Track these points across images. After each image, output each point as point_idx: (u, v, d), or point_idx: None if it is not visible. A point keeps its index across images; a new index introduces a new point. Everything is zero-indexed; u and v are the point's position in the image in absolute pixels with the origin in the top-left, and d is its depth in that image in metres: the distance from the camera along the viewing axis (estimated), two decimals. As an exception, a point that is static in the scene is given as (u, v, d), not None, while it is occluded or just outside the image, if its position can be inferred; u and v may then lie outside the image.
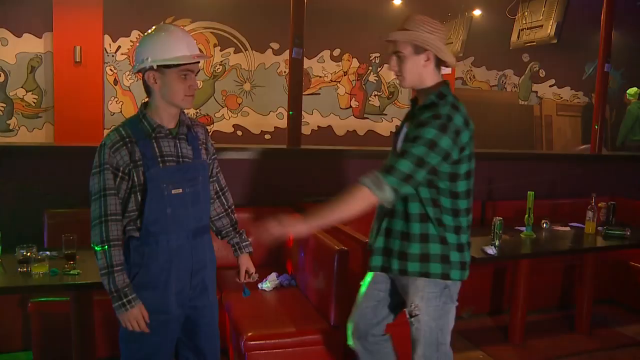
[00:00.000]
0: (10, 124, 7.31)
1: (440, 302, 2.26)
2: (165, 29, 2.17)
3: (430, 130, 2.07)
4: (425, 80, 2.22)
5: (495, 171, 5.05)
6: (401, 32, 2.16)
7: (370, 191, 2.07)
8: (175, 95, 2.13)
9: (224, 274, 3.57)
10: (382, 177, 2.07)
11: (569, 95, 10.90)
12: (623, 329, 4.33)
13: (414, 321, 2.29)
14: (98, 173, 2.09)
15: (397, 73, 2.22)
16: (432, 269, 2.21)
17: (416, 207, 2.20)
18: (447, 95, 2.20)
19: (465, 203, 2.24)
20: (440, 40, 2.18)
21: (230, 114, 8.46)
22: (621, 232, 3.96)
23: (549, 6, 6.01)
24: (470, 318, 4.34)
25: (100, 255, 2.08)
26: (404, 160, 2.08)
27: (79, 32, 7.02)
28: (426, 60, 2.17)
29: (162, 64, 2.08)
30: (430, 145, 2.07)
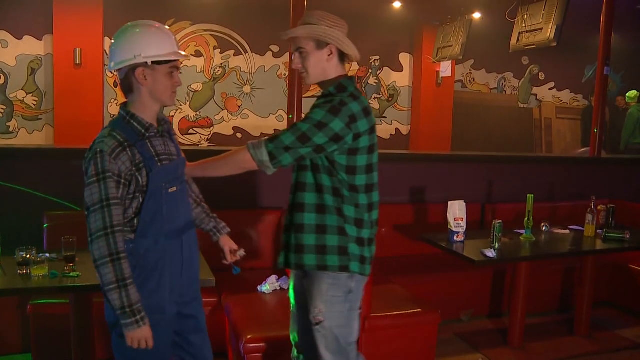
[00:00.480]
0: (10, 126, 7.32)
1: (345, 308, 2.19)
2: (152, 24, 2.13)
3: (319, 112, 2.09)
4: (329, 74, 2.20)
5: (495, 174, 5.05)
6: (302, 27, 2.14)
7: (248, 152, 2.12)
8: (164, 92, 2.10)
9: (223, 275, 3.58)
10: (263, 141, 2.12)
11: (569, 98, 10.92)
12: (622, 331, 4.33)
13: (319, 328, 2.21)
14: (97, 182, 1.97)
15: (301, 70, 2.20)
16: (329, 261, 2.14)
17: (313, 198, 2.16)
18: (348, 87, 2.17)
19: (365, 198, 2.18)
20: (342, 33, 2.16)
21: (230, 117, 8.48)
22: (620, 235, 3.96)
23: (548, 9, 6.02)
24: (469, 321, 4.34)
25: (108, 269, 1.96)
26: (288, 132, 2.11)
27: (79, 35, 7.04)
28: (329, 54, 2.15)
29: (157, 60, 2.04)
30: (317, 125, 2.07)
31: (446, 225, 3.78)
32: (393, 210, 4.53)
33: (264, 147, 2.09)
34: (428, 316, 3.35)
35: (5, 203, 3.65)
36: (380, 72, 9.32)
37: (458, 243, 3.69)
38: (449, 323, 4.16)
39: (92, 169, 1.98)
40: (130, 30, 2.11)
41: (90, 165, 1.99)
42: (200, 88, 8.29)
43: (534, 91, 10.67)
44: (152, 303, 2.14)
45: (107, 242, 1.97)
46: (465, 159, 5.40)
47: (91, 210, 1.98)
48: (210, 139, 8.41)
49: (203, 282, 2.73)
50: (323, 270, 2.16)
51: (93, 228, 1.98)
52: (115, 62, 2.07)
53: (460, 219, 3.72)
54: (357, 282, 2.23)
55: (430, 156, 5.48)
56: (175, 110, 8.18)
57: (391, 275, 3.93)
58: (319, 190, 2.15)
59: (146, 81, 2.06)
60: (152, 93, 2.09)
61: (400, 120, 9.59)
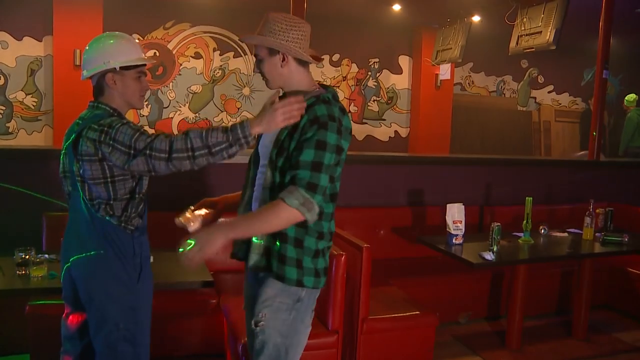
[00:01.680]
0: (10, 127, 7.32)
1: (290, 316, 2.09)
2: (120, 35, 2.31)
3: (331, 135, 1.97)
4: (289, 79, 2.11)
5: (494, 177, 5.06)
6: (253, 37, 2.09)
7: (299, 212, 1.93)
8: (133, 95, 2.28)
9: (222, 277, 3.58)
10: (311, 197, 1.93)
11: (568, 101, 10.93)
12: (620, 334, 4.34)
13: (258, 332, 2.11)
14: (141, 134, 2.07)
15: (262, 75, 2.15)
16: (287, 274, 2.04)
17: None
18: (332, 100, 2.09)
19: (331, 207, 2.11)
20: (297, 37, 2.06)
21: (229, 119, 8.47)
22: (619, 238, 3.97)
23: (547, 13, 6.03)
24: (467, 323, 4.34)
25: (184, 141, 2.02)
26: (323, 174, 1.96)
27: (79, 36, 7.03)
28: (282, 60, 2.07)
29: (124, 65, 2.21)
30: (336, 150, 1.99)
31: (445, 227, 3.78)
32: (392, 213, 4.54)
33: (316, 205, 1.94)
34: (426, 318, 3.36)
35: (4, 204, 3.65)
36: (380, 74, 9.32)
37: (456, 245, 3.70)
38: (447, 325, 4.16)
39: (129, 131, 2.07)
40: (100, 40, 2.31)
41: (126, 132, 2.06)
42: (199, 90, 8.29)
43: (533, 94, 10.68)
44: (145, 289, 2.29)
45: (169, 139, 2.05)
46: (464, 161, 5.41)
47: (136, 138, 2.05)
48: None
49: (202, 284, 2.75)
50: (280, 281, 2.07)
51: (139, 144, 2.03)
52: (87, 69, 2.27)
53: (459, 221, 3.73)
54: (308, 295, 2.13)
55: (429, 159, 5.48)
56: (174, 112, 8.18)
57: (389, 278, 3.94)
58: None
59: (116, 85, 2.24)
60: (123, 96, 2.26)
61: (399, 122, 9.60)
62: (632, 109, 8.57)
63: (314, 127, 1.96)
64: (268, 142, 2.11)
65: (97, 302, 2.19)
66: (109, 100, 2.26)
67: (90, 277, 2.20)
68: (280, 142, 2.03)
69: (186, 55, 8.13)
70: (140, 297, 2.25)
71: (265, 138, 2.14)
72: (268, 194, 2.05)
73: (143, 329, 2.30)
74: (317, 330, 3.03)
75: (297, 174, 1.94)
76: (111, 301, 2.19)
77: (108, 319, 2.19)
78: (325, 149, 1.95)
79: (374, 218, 4.47)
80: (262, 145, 2.16)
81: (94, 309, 2.21)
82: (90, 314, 2.22)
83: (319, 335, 2.99)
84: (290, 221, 1.96)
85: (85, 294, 2.21)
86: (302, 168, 1.94)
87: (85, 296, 2.21)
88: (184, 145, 2.01)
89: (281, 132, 2.04)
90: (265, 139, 2.14)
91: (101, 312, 2.20)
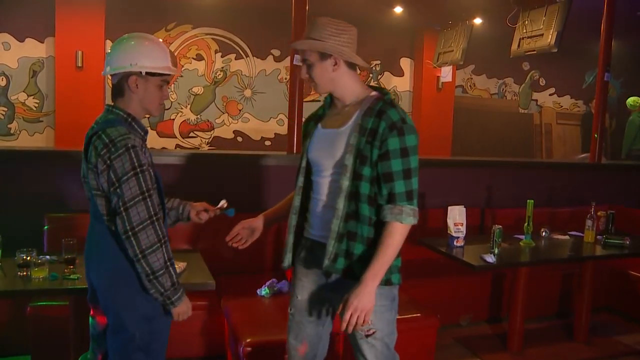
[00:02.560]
0: (12, 128, 7.33)
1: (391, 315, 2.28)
2: (151, 38, 2.23)
3: (411, 138, 2.05)
4: (339, 83, 2.16)
5: (495, 179, 5.06)
6: (304, 42, 2.12)
7: (407, 225, 2.05)
8: (153, 102, 2.20)
9: (222, 279, 3.58)
10: (413, 205, 2.05)
11: (569, 104, 10.93)
12: (621, 337, 4.33)
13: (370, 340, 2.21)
14: (134, 176, 2.01)
15: (309, 80, 2.18)
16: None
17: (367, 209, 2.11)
18: (394, 100, 2.16)
19: None
20: (347, 41, 2.10)
21: (230, 120, 8.48)
22: (620, 241, 3.97)
23: (549, 15, 6.03)
24: (468, 325, 4.34)
25: (159, 254, 2.04)
26: (414, 177, 2.05)
27: (81, 37, 7.05)
28: (334, 64, 2.11)
29: (151, 70, 2.14)
30: (417, 150, 2.08)
31: (446, 230, 3.78)
32: None
33: (413, 213, 2.04)
34: (427, 321, 3.35)
35: (6, 205, 3.65)
36: (381, 76, 9.33)
37: (457, 248, 3.70)
38: (448, 328, 4.16)
39: (127, 164, 2.01)
40: (129, 40, 2.21)
41: (124, 161, 2.01)
42: (201, 91, 8.30)
43: (534, 97, 10.68)
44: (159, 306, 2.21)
45: (154, 229, 2.04)
46: (465, 163, 5.41)
47: (131, 204, 2.01)
48: (211, 143, 8.42)
49: (202, 285, 2.75)
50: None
51: (136, 220, 2.01)
52: (112, 67, 2.16)
53: (460, 223, 3.73)
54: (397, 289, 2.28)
55: (430, 161, 5.48)
56: (176, 113, 8.19)
57: (390, 280, 3.93)
58: (372, 204, 2.09)
59: (137, 89, 2.15)
60: (142, 101, 2.18)
61: (401, 124, 9.59)
62: (633, 113, 8.56)
63: (394, 134, 2.01)
64: (325, 150, 2.15)
65: (113, 311, 2.18)
66: (126, 103, 2.18)
67: (107, 286, 2.18)
68: (359, 150, 2.05)
69: (188, 57, 8.14)
70: (158, 306, 2.19)
71: (317, 145, 2.20)
72: (346, 202, 2.07)
73: (160, 339, 2.27)
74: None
75: (394, 188, 2.02)
76: (128, 310, 2.16)
77: (124, 328, 2.16)
78: (409, 154, 2.03)
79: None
80: (317, 154, 2.19)
81: (111, 317, 2.19)
82: (109, 320, 2.21)
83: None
84: (403, 235, 2.06)
85: (103, 301, 2.21)
86: (396, 180, 2.02)
87: (103, 303, 2.21)
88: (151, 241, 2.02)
89: (355, 139, 2.06)
90: (318, 146, 2.19)
91: (118, 321, 2.18)
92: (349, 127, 2.11)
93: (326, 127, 2.23)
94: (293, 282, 2.37)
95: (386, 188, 2.04)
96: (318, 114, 2.34)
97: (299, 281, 2.33)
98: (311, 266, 2.26)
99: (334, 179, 2.14)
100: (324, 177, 2.18)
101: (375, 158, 2.04)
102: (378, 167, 2.04)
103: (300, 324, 2.34)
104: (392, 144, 2.02)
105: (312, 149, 2.23)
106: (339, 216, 2.09)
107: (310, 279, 2.29)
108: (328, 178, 2.16)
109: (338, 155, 2.11)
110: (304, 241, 2.30)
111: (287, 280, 3.75)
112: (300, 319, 2.33)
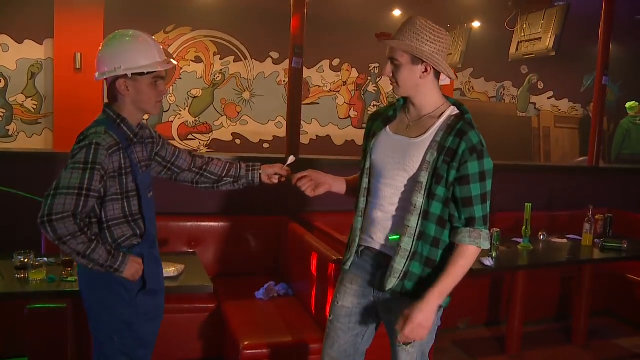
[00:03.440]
0: (10, 130, 7.32)
1: (436, 325, 2.16)
2: (133, 35, 2.13)
3: (488, 162, 2.07)
4: (422, 90, 2.05)
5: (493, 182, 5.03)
6: (399, 42, 2.00)
7: (481, 249, 2.03)
8: (147, 102, 2.12)
9: (220, 282, 3.58)
10: (487, 229, 2.03)
11: (567, 107, 10.95)
12: (619, 341, 4.33)
13: (408, 348, 2.12)
14: (82, 169, 1.96)
15: (392, 80, 2.06)
16: None
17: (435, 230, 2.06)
18: (468, 116, 2.08)
19: None
20: (442, 50, 2.01)
21: (229, 123, 8.48)
22: (618, 244, 3.97)
23: (547, 19, 6.05)
24: (466, 329, 4.33)
25: (81, 239, 1.95)
26: (489, 201, 2.06)
27: (80, 39, 7.03)
28: (424, 71, 2.00)
29: (138, 71, 2.06)
30: (489, 176, 2.08)
31: (444, 233, 3.77)
32: None
33: (488, 238, 2.04)
34: (425, 324, 3.34)
35: (4, 207, 3.65)
36: (380, 79, 9.34)
37: (456, 251, 3.69)
38: (446, 331, 4.15)
39: (82, 155, 1.98)
40: (112, 40, 2.13)
41: (81, 152, 1.98)
42: (199, 94, 8.30)
43: (532, 100, 10.69)
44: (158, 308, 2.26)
45: (76, 222, 1.95)
46: (463, 167, 5.40)
47: (62, 192, 1.94)
48: (209, 145, 8.42)
49: (200, 288, 2.75)
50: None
51: (58, 209, 1.92)
52: (100, 72, 2.12)
53: (458, 227, 3.72)
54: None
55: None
56: (174, 115, 8.19)
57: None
58: (441, 224, 2.05)
59: (128, 92, 2.09)
60: (135, 103, 2.11)
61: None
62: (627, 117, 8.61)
63: (473, 157, 1.99)
64: (395, 158, 2.05)
65: (92, 313, 2.20)
66: (120, 107, 2.12)
67: (87, 288, 2.21)
68: (435, 168, 1.98)
69: (187, 59, 8.14)
70: (140, 313, 2.18)
71: (386, 151, 2.09)
72: (420, 220, 2.00)
73: (146, 345, 2.27)
74: (316, 335, 3.03)
75: (473, 213, 2.01)
76: (106, 313, 2.17)
77: (102, 329, 2.19)
78: (486, 178, 2.04)
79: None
80: (385, 160, 2.09)
81: (91, 318, 2.22)
82: (89, 322, 2.24)
83: (317, 340, 2.98)
84: (474, 257, 2.04)
85: (85, 302, 2.24)
86: (475, 205, 2.01)
87: (85, 304, 2.23)
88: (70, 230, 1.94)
89: (432, 156, 1.98)
90: (386, 152, 2.09)
91: (96, 322, 2.21)
92: (424, 141, 2.03)
93: (398, 133, 2.11)
94: (337, 288, 2.26)
95: (465, 212, 2.01)
96: (388, 114, 2.19)
97: (343, 287, 2.22)
98: (361, 274, 2.17)
99: (404, 193, 2.05)
100: (388, 186, 2.08)
101: (451, 179, 1.99)
102: (455, 189, 2.00)
103: (338, 331, 2.23)
104: (472, 167, 1.99)
105: (378, 152, 2.12)
106: (411, 235, 2.01)
107: (356, 286, 2.19)
108: (395, 188, 2.07)
109: (411, 169, 2.02)
110: (356, 244, 2.18)
111: (285, 283, 3.74)
112: (340, 326, 2.22)
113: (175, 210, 3.76)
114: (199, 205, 3.91)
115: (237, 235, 3.93)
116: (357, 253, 2.18)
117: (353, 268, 2.19)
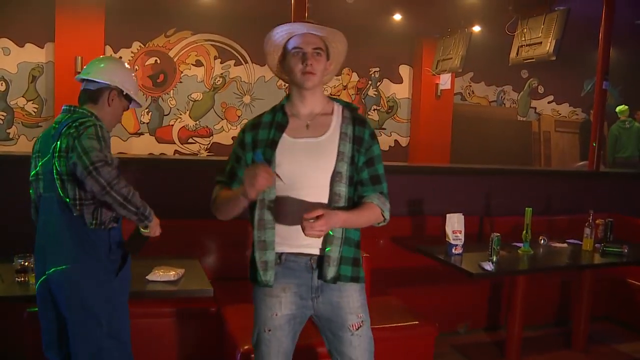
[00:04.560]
0: (10, 133, 7.33)
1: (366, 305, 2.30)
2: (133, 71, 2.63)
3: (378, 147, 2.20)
4: (321, 88, 2.20)
5: (493, 187, 5.06)
6: (334, 30, 2.20)
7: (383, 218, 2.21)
8: (115, 119, 2.53)
9: (219, 286, 3.57)
10: (387, 204, 2.19)
11: (568, 112, 10.96)
12: (619, 346, 4.32)
13: (360, 332, 2.17)
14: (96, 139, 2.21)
15: (313, 70, 2.07)
16: (361, 273, 2.26)
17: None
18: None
19: None
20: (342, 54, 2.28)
21: (229, 126, 8.49)
22: (618, 249, 3.96)
23: (547, 23, 6.06)
24: (466, 333, 4.33)
25: (126, 188, 2.19)
26: (385, 183, 2.19)
27: (81, 43, 7.06)
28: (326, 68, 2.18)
29: (132, 95, 2.52)
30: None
31: (444, 237, 3.78)
32: (391, 222, 4.43)
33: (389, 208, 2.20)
34: (425, 328, 3.35)
35: (4, 210, 3.65)
36: (380, 83, 9.35)
37: (456, 255, 3.69)
38: (445, 336, 4.15)
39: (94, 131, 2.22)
40: (120, 62, 2.67)
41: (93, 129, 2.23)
42: (200, 97, 8.32)
43: (533, 104, 10.71)
44: (123, 282, 2.40)
45: (122, 180, 2.19)
46: (464, 171, 5.41)
47: (91, 150, 2.15)
48: (210, 149, 8.43)
49: (200, 292, 2.75)
50: (357, 282, 2.21)
51: (95, 158, 2.13)
52: (100, 76, 2.45)
53: (459, 231, 3.73)
54: None
55: (429, 168, 5.49)
56: (174, 119, 8.20)
57: (388, 287, 3.92)
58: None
59: (112, 103, 2.47)
60: (108, 114, 2.47)
61: (399, 132, 9.62)
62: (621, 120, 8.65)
63: (375, 141, 2.18)
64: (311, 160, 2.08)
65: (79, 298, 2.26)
66: (98, 110, 2.43)
67: (71, 286, 2.26)
68: (352, 157, 2.11)
69: (187, 63, 8.16)
70: (117, 291, 2.36)
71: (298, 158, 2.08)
72: (344, 207, 2.10)
73: (125, 325, 2.41)
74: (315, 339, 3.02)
75: (383, 189, 2.17)
76: (94, 294, 2.28)
77: (91, 313, 2.27)
78: (380, 162, 2.19)
79: (373, 227, 4.43)
80: (300, 165, 2.07)
81: (74, 314, 2.27)
82: (71, 321, 2.28)
83: (317, 344, 2.98)
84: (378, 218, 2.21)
85: (66, 302, 2.28)
86: (383, 182, 2.18)
87: (66, 304, 2.28)
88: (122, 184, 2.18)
89: (344, 146, 2.10)
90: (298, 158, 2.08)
91: (83, 314, 2.27)
92: (332, 135, 2.11)
93: (301, 137, 2.11)
94: (265, 303, 2.17)
95: (375, 190, 2.16)
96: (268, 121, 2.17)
97: (275, 299, 2.15)
98: (290, 279, 2.13)
99: (326, 188, 2.08)
100: (310, 187, 2.07)
101: (360, 164, 2.13)
102: (363, 172, 2.14)
103: (281, 338, 2.18)
104: (376, 150, 2.18)
105: (288, 162, 2.07)
106: None
107: (288, 293, 2.15)
108: (317, 188, 2.07)
109: (330, 165, 2.07)
110: (274, 257, 2.13)
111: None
112: (282, 334, 2.18)
113: (176, 214, 3.76)
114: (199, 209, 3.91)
115: (232, 240, 3.92)
116: (277, 264, 2.13)
117: (279, 279, 2.13)
